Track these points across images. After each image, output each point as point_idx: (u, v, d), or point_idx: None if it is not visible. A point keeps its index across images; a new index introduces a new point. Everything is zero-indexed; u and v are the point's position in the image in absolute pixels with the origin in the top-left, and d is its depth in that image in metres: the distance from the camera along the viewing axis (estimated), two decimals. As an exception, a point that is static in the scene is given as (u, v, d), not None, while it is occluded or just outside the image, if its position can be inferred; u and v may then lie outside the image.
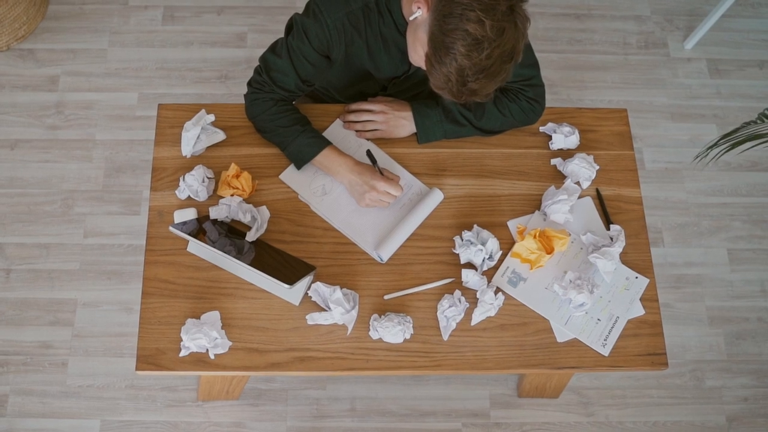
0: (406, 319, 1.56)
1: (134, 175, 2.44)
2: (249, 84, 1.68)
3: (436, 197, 1.69)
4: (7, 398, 2.16)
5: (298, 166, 1.68)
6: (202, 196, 1.66)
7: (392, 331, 1.54)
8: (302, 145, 1.66)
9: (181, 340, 1.55)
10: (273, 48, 1.65)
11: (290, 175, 1.71)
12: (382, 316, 1.58)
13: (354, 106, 1.75)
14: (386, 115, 1.72)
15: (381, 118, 1.72)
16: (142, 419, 2.16)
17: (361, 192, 1.64)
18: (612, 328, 1.62)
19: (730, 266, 2.43)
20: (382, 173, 1.66)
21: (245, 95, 1.69)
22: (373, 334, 1.57)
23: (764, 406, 2.27)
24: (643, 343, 1.61)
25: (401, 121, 1.72)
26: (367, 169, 1.65)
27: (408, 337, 1.57)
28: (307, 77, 1.64)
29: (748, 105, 2.67)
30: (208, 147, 1.73)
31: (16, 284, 2.29)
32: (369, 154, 1.68)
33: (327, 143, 1.67)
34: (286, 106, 1.68)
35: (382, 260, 1.64)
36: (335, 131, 1.76)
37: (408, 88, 1.78)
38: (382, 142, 1.76)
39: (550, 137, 1.79)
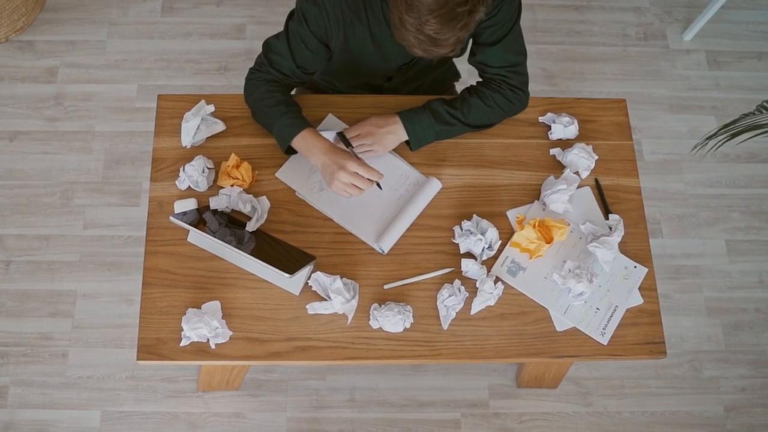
0: (405, 308, 1.57)
1: (134, 167, 2.44)
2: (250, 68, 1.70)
3: (434, 187, 1.69)
4: (7, 389, 2.16)
5: (283, 149, 1.67)
6: (202, 186, 1.67)
7: (392, 320, 1.55)
8: (283, 125, 1.64)
9: (182, 330, 1.56)
10: (278, 33, 1.66)
11: (287, 172, 1.71)
12: (382, 306, 1.58)
13: (344, 134, 1.71)
14: (373, 136, 1.69)
15: (369, 140, 1.69)
16: (143, 410, 2.16)
17: (332, 172, 1.60)
18: (611, 317, 1.63)
19: (728, 257, 2.44)
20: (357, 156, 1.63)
21: (245, 83, 1.70)
22: (373, 323, 1.57)
23: (762, 396, 2.28)
24: (642, 332, 1.62)
25: (388, 136, 1.69)
26: (342, 152, 1.62)
27: (408, 326, 1.57)
28: (303, 63, 1.64)
29: (747, 96, 2.68)
30: (207, 137, 1.73)
31: (16, 276, 2.29)
32: (342, 135, 1.64)
33: (307, 125, 1.65)
34: (277, 88, 1.67)
35: (383, 251, 1.64)
36: (329, 123, 1.76)
37: (412, 78, 1.78)
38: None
39: (549, 127, 1.79)
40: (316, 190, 1.69)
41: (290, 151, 1.70)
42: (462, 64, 2.58)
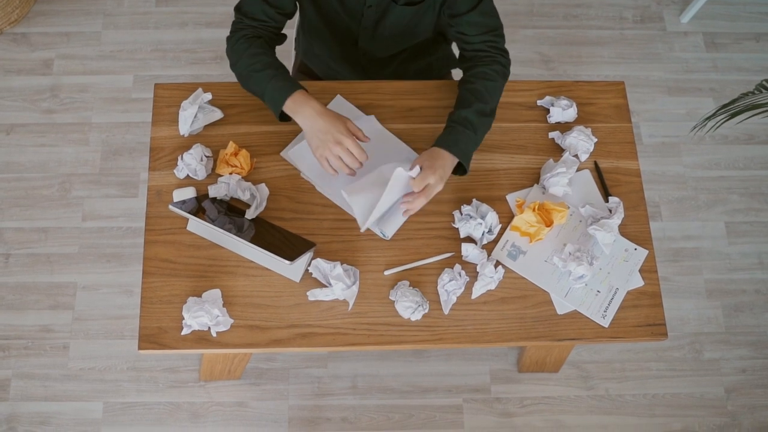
0: (424, 301, 1.56)
1: (131, 158, 2.44)
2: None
3: None
4: (9, 382, 2.16)
5: (276, 114, 1.62)
6: (201, 174, 1.66)
7: (406, 304, 1.54)
8: (273, 90, 1.59)
9: (183, 319, 1.55)
10: None
11: (291, 153, 1.70)
12: (401, 286, 1.57)
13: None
14: (431, 189, 1.58)
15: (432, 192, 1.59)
16: (145, 400, 2.16)
17: (324, 140, 1.53)
18: (611, 299, 1.63)
19: (728, 239, 2.44)
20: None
21: (227, 48, 1.68)
22: (392, 295, 1.57)
23: (762, 377, 2.28)
24: (643, 314, 1.62)
25: (442, 179, 1.59)
26: (340, 120, 1.55)
27: (419, 317, 1.56)
28: (274, 1, 1.64)
29: (745, 78, 2.67)
30: (205, 126, 1.72)
31: (15, 269, 2.29)
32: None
33: (297, 87, 1.59)
34: (261, 47, 1.63)
35: (386, 237, 1.64)
36: (337, 107, 1.75)
37: (383, 43, 1.75)
38: (385, 119, 1.75)
39: (547, 111, 1.79)
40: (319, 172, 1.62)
41: (284, 117, 1.64)
42: (459, 49, 2.57)
